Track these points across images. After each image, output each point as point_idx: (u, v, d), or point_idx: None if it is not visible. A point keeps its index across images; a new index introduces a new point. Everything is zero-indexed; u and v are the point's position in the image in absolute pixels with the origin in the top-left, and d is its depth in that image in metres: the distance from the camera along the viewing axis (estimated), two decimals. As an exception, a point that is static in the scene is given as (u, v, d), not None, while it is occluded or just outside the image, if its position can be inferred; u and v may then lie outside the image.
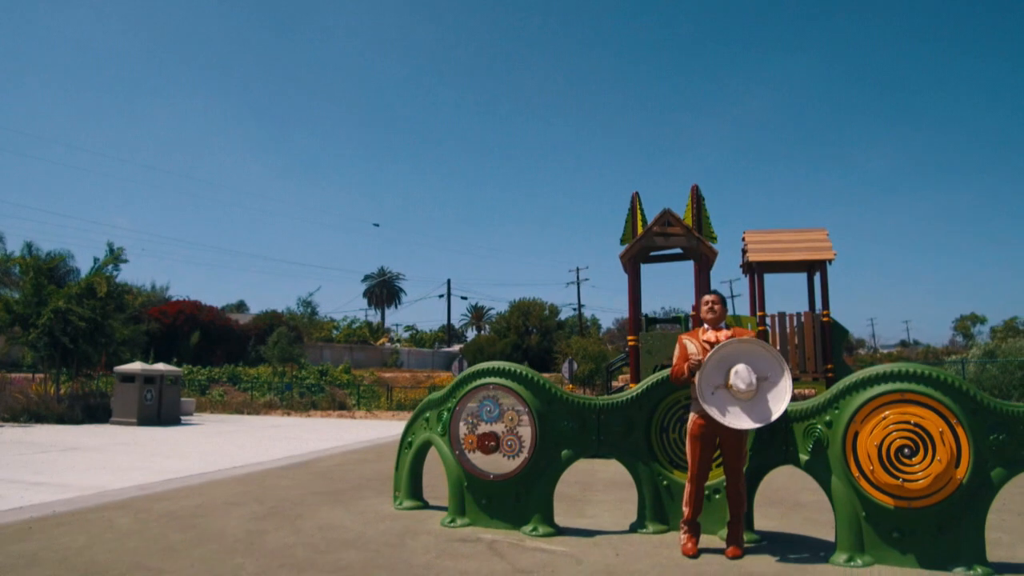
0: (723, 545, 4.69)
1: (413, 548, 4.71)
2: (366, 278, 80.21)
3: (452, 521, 5.35)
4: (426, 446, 6.02)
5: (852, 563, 4.29)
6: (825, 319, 11.45)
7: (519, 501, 5.22)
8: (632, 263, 11.01)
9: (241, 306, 69.38)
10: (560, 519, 5.35)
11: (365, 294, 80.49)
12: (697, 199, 12.34)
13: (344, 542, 4.86)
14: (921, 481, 4.16)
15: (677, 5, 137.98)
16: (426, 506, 6.09)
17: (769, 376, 4.55)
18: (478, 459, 5.33)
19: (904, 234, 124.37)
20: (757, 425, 4.51)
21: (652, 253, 11.35)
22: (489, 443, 5.29)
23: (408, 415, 23.80)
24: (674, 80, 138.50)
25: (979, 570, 4.10)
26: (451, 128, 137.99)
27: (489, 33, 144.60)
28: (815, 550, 4.71)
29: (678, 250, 11.47)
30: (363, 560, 4.39)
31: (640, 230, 12.65)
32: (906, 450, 4.22)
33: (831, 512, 5.85)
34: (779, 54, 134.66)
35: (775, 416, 4.50)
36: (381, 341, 54.70)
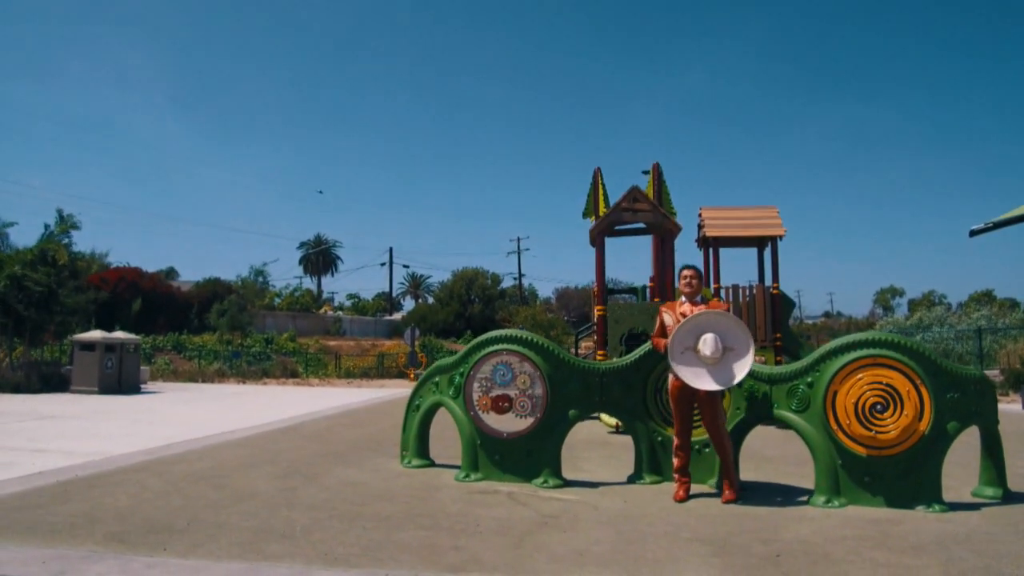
0: (716, 491, 5.33)
1: (441, 500, 5.16)
2: (302, 245, 78.89)
3: (467, 476, 5.83)
4: (433, 409, 6.46)
5: (830, 504, 4.96)
6: (774, 292, 12.30)
7: (530, 457, 5.73)
8: (599, 237, 11.56)
9: (171, 272, 67.31)
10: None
11: (301, 261, 79.21)
12: (658, 176, 12.99)
13: (375, 496, 5.28)
14: (891, 433, 4.85)
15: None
16: (433, 464, 6.52)
17: (735, 348, 5.13)
18: (492, 419, 5.80)
19: (829, 209, 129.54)
20: (717, 388, 5.07)
21: (617, 227, 11.93)
22: (503, 404, 5.76)
23: (360, 383, 24.18)
24: (615, 54, 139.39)
25: (937, 508, 4.83)
26: (391, 96, 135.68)
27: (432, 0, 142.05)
28: (792, 495, 5.39)
29: (642, 225, 12.11)
30: (402, 511, 4.82)
31: (602, 205, 13.22)
32: (878, 406, 4.90)
33: (796, 464, 6.60)
34: (716, 33, 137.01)
35: (735, 382, 5.08)
36: (324, 309, 54.29)
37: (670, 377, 5.34)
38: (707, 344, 5.05)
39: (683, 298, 5.49)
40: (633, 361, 5.87)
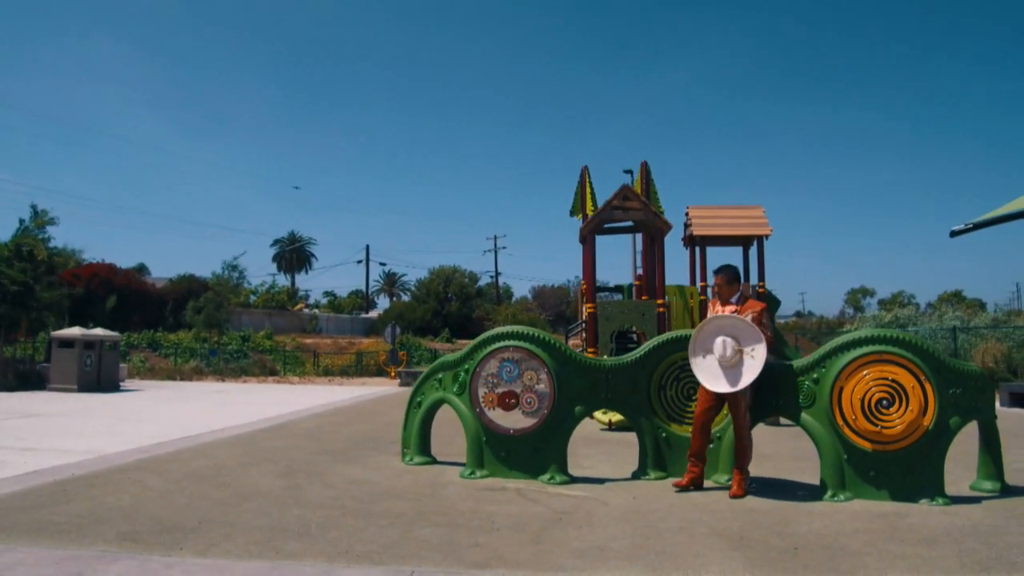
0: (720, 486, 5.39)
1: (450, 497, 5.14)
2: (276, 242, 78.05)
3: (472, 473, 5.81)
4: (435, 406, 6.42)
5: (835, 499, 5.03)
6: (760, 291, 12.43)
7: (537, 453, 5.73)
8: (590, 235, 11.59)
9: (142, 269, 66.13)
10: (565, 470, 5.88)
11: (275, 259, 78.32)
12: (646, 175, 13.07)
13: (382, 494, 5.24)
14: (897, 428, 4.93)
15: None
16: (435, 461, 6.49)
17: (748, 350, 5.23)
18: (498, 416, 5.79)
19: (802, 209, 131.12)
20: (728, 389, 5.20)
21: (606, 225, 11.99)
22: (509, 401, 5.75)
23: (340, 381, 23.98)
24: (595, 54, 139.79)
25: (940, 501, 4.92)
26: (369, 94, 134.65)
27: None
28: (795, 490, 5.45)
29: (631, 223, 12.20)
30: (413, 508, 4.79)
31: (589, 203, 13.26)
32: (884, 402, 4.97)
33: (794, 460, 6.69)
34: (697, 35, 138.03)
35: (742, 385, 5.18)
36: (299, 307, 53.76)
37: None
38: (717, 347, 5.21)
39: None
40: (639, 358, 5.90)
